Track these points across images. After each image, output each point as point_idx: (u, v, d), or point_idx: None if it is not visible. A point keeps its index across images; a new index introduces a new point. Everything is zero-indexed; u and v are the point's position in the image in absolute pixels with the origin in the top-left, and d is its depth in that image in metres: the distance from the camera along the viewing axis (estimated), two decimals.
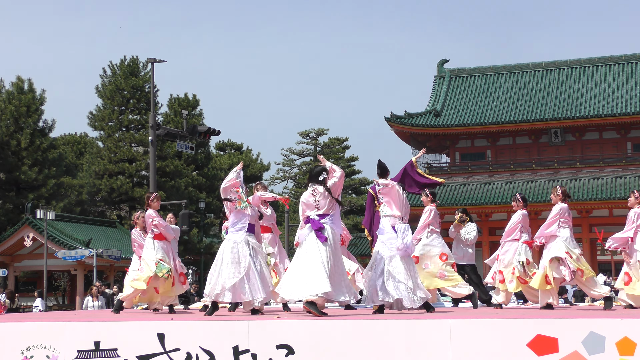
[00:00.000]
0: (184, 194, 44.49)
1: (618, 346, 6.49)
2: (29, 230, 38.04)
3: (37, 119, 43.50)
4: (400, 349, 6.97)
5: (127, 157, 46.33)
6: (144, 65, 47.39)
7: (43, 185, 42.00)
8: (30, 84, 43.81)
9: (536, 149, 45.82)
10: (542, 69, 48.18)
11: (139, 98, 47.31)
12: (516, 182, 44.30)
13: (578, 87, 46.10)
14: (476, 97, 47.19)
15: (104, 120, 47.08)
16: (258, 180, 57.39)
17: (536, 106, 45.23)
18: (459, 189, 44.39)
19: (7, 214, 41.46)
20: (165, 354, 7.56)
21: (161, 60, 26.82)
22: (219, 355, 7.38)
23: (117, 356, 7.68)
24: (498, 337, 6.80)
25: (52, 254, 35.89)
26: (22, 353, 7.97)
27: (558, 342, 6.61)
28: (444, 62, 49.95)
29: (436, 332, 6.95)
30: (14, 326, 8.37)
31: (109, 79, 47.83)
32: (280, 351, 7.22)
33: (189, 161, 48.20)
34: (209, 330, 7.58)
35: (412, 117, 45.78)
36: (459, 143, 46.98)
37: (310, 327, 7.36)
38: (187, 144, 28.88)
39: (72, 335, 7.93)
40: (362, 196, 60.50)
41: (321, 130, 63.37)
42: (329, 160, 9.34)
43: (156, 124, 27.34)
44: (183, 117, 32.30)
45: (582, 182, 42.94)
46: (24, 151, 41.93)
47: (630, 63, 46.83)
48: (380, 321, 7.31)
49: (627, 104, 43.76)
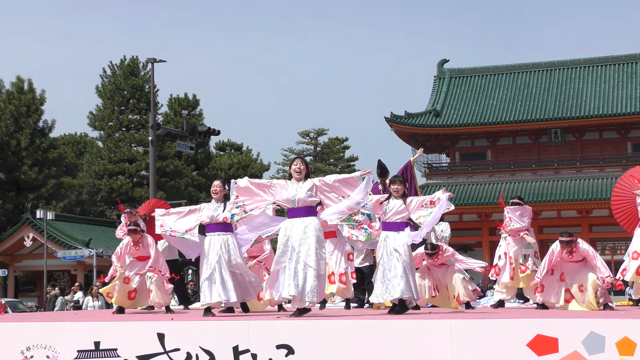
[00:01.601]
0: (184, 194, 44.52)
1: (618, 346, 6.50)
2: (29, 230, 38.08)
3: (37, 119, 43.56)
4: (400, 349, 6.97)
5: (127, 157, 46.36)
6: (144, 65, 47.44)
7: (43, 185, 42.05)
8: (30, 84, 43.88)
9: (536, 149, 45.82)
10: (542, 69, 48.18)
11: (139, 98, 47.36)
12: (516, 182, 44.31)
13: (578, 87, 46.10)
14: (476, 97, 47.19)
15: (104, 120, 47.13)
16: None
17: (536, 106, 45.23)
18: (459, 189, 44.38)
19: (7, 214, 41.50)
20: (165, 354, 7.56)
21: (161, 60, 26.86)
22: (219, 355, 7.38)
23: (117, 356, 7.68)
24: (498, 337, 6.80)
25: (52, 254, 35.93)
26: (22, 353, 7.97)
27: (558, 342, 6.61)
28: (444, 62, 49.95)
29: (436, 332, 6.95)
30: (14, 326, 8.37)
31: (109, 79, 47.88)
32: (280, 351, 7.22)
33: (189, 161, 48.25)
34: (209, 330, 7.58)
35: (412, 117, 45.79)
36: (459, 143, 46.98)
37: (310, 327, 7.37)
38: (187, 144, 28.91)
39: (72, 335, 7.93)
40: None
41: (321, 130, 63.36)
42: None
43: (156, 124, 27.38)
44: (183, 117, 32.34)
45: (582, 182, 42.93)
46: (24, 151, 41.97)
47: (630, 63, 46.83)
48: (380, 321, 7.32)
49: (627, 104, 43.76)
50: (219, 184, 9.41)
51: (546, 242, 37.04)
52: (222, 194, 9.35)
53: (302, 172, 8.37)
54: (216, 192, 9.33)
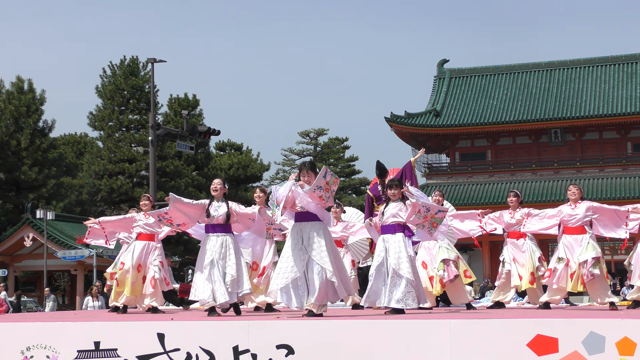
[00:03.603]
0: (184, 194, 44.38)
1: (618, 346, 6.49)
2: (29, 230, 38.05)
3: (37, 119, 43.53)
4: (400, 349, 6.97)
5: (127, 157, 46.34)
6: (144, 65, 47.42)
7: (43, 185, 42.03)
8: (30, 84, 43.85)
9: (536, 149, 45.82)
10: (542, 69, 48.18)
11: (139, 98, 47.33)
12: (516, 182, 44.32)
13: (578, 87, 46.09)
14: (476, 97, 47.19)
15: (104, 120, 47.10)
16: (258, 180, 57.38)
17: (536, 106, 45.22)
18: (459, 189, 44.40)
19: (7, 214, 41.48)
20: (165, 354, 7.56)
21: (161, 60, 26.85)
22: (219, 355, 7.38)
23: (117, 356, 7.68)
24: (498, 337, 6.80)
25: (52, 254, 35.91)
26: (22, 353, 7.97)
27: (558, 342, 6.61)
28: (444, 62, 49.95)
29: (436, 332, 6.95)
30: (14, 326, 8.37)
31: (109, 79, 47.85)
32: (280, 351, 7.22)
33: (189, 161, 48.22)
34: (209, 330, 7.58)
35: (412, 117, 45.79)
36: (459, 143, 46.98)
37: (310, 327, 7.37)
38: (187, 144, 28.90)
39: (72, 335, 7.93)
40: (362, 196, 60.45)
41: (321, 130, 63.31)
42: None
43: (156, 124, 27.37)
44: (183, 117, 32.31)
45: (582, 182, 42.91)
46: (24, 151, 41.95)
47: (630, 63, 46.83)
48: (380, 321, 7.32)
49: (627, 104, 43.76)
50: (219, 182, 9.42)
51: (546, 243, 37.07)
52: (222, 192, 9.35)
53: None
54: (216, 190, 9.32)
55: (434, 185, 43.57)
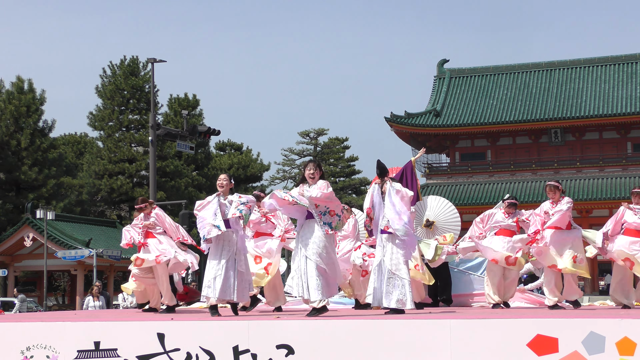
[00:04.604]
0: (184, 194, 44.51)
1: (618, 346, 6.49)
2: (29, 230, 38.05)
3: (37, 119, 43.54)
4: (400, 349, 6.97)
5: (127, 157, 46.37)
6: (144, 65, 47.45)
7: (43, 185, 42.04)
8: (30, 84, 43.86)
9: (536, 149, 45.84)
10: (542, 69, 48.19)
11: (139, 98, 47.36)
12: (516, 182, 44.34)
13: (578, 87, 46.10)
14: (476, 97, 47.20)
15: (104, 120, 47.13)
16: (258, 180, 57.39)
17: (536, 106, 45.23)
18: (459, 189, 44.41)
19: (7, 214, 41.50)
20: (165, 354, 7.56)
21: (161, 60, 26.83)
22: (219, 355, 7.38)
23: (117, 356, 7.68)
24: (498, 337, 6.80)
25: (52, 254, 35.91)
26: (22, 353, 7.97)
27: (558, 342, 6.61)
28: (444, 62, 49.96)
29: (436, 332, 6.95)
30: (14, 326, 8.37)
31: (109, 79, 47.88)
32: (280, 351, 7.22)
33: (189, 161, 48.24)
34: (209, 330, 7.58)
35: (412, 117, 45.80)
36: (459, 143, 47.00)
37: (310, 327, 7.37)
38: (187, 144, 28.88)
39: (72, 335, 7.92)
40: (362, 196, 60.44)
41: (321, 130, 63.31)
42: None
43: (156, 124, 27.35)
44: (183, 117, 32.30)
45: (582, 182, 42.94)
46: (24, 151, 41.96)
47: (630, 63, 46.84)
48: (380, 321, 7.31)
49: (627, 104, 43.77)
50: (225, 177, 9.19)
51: None
52: (227, 187, 9.14)
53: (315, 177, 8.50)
54: (222, 186, 9.09)
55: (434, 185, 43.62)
